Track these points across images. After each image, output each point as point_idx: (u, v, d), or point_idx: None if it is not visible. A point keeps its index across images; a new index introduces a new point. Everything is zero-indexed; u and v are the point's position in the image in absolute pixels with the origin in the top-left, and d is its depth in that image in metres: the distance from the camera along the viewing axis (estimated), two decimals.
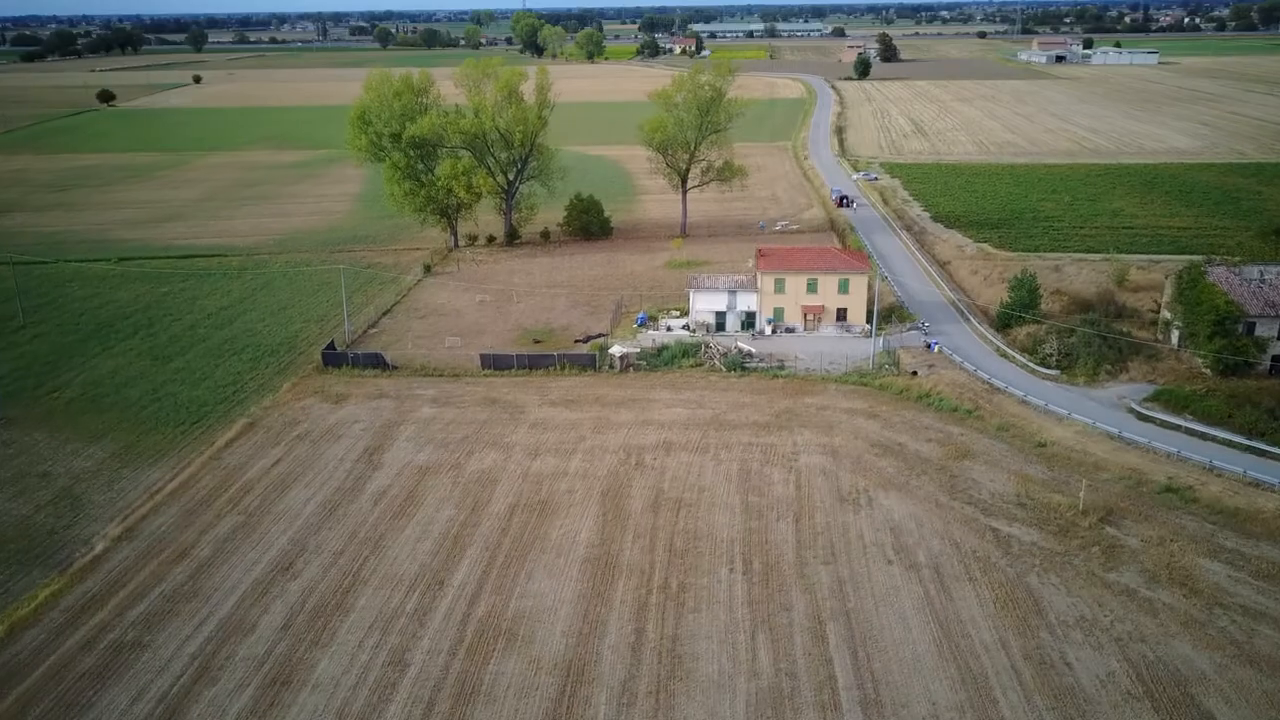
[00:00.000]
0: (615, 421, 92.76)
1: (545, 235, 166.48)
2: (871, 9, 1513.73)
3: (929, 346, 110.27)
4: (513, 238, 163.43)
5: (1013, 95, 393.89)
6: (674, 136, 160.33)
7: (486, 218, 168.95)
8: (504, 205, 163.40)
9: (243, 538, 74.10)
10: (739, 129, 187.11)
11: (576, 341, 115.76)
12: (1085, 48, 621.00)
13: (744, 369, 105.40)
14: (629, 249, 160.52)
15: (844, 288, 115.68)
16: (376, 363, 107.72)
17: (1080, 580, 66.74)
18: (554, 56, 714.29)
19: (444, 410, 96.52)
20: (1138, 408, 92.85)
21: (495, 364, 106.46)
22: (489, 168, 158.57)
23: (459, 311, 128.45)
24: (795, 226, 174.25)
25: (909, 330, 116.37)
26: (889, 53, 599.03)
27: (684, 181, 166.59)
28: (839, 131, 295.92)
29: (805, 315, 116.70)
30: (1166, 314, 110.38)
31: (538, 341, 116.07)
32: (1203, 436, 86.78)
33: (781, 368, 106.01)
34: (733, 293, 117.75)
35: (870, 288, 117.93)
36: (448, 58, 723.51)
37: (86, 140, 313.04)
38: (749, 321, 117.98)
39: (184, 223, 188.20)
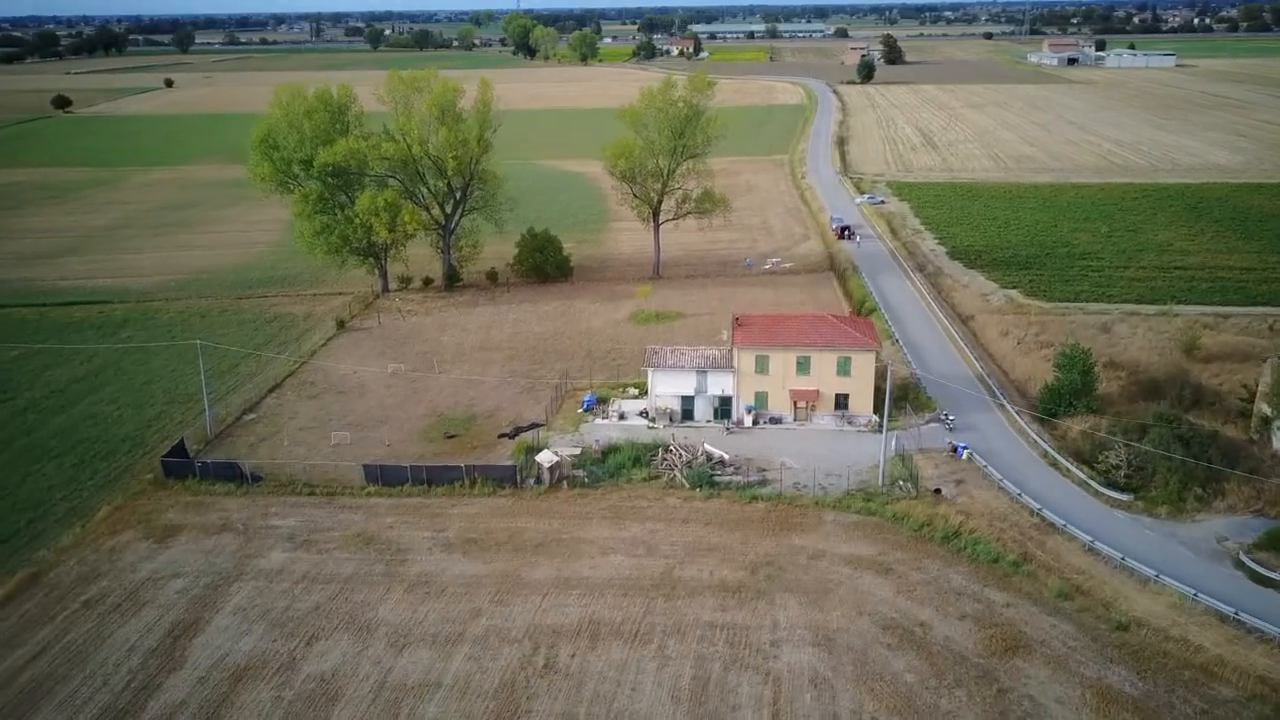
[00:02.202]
0: (528, 581, 67.24)
1: (492, 277, 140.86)
2: (875, 9, 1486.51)
3: (955, 450, 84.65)
4: (452, 281, 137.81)
5: (1026, 101, 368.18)
6: (642, 163, 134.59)
7: (424, 253, 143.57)
8: (441, 242, 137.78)
9: None
10: (730, 142, 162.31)
11: (500, 436, 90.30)
12: (1098, 49, 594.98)
13: (713, 484, 79.87)
14: (590, 295, 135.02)
15: (844, 368, 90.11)
16: (232, 474, 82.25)
17: None
18: (546, 58, 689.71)
19: (299, 556, 71.03)
20: (1248, 561, 67.26)
21: (384, 478, 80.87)
22: (420, 199, 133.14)
23: (363, 387, 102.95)
24: (788, 265, 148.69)
25: (928, 423, 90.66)
26: (893, 55, 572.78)
27: (656, 215, 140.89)
28: (841, 143, 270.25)
29: (795, 403, 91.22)
30: (1265, 409, 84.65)
31: (451, 436, 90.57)
32: None
33: (763, 483, 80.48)
34: (703, 373, 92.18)
35: (878, 360, 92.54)
36: (440, 59, 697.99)
37: (23, 152, 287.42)
38: (723, 409, 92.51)
39: (82, 257, 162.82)
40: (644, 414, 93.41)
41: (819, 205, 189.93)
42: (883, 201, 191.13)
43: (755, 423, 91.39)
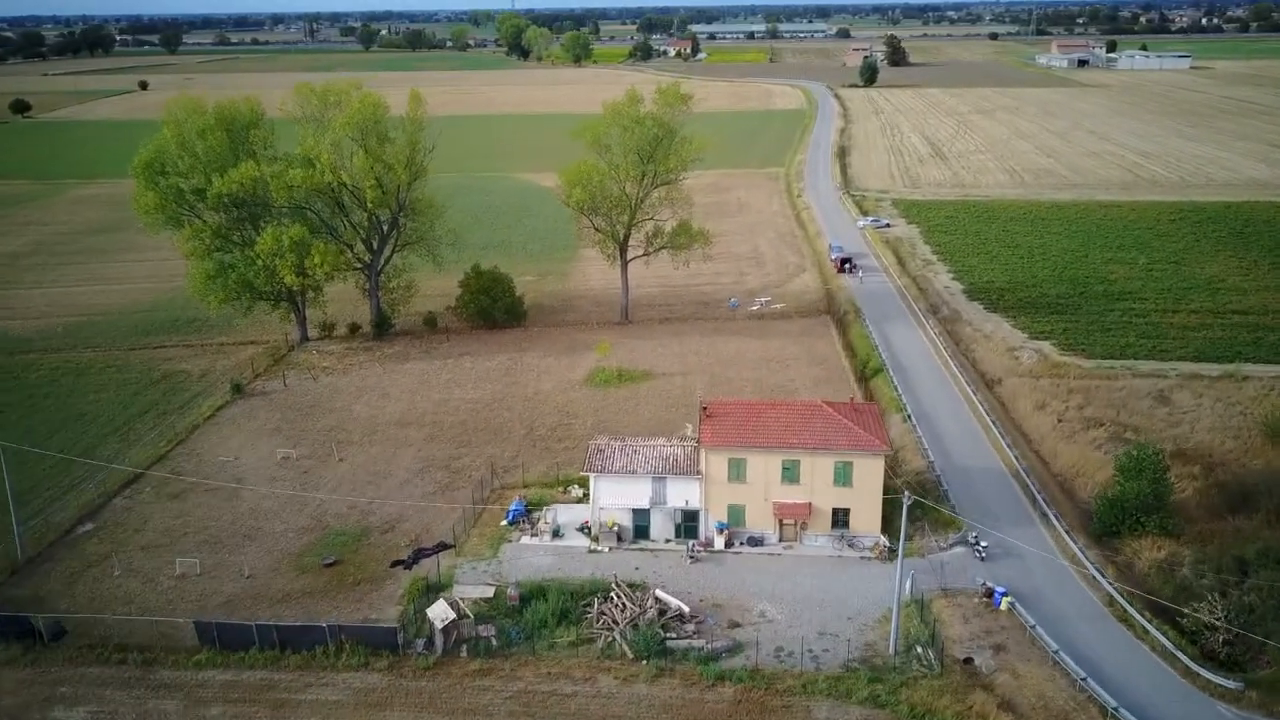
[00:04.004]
0: None
1: (431, 321, 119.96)
2: (877, 9, 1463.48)
3: (990, 595, 63.80)
4: (382, 327, 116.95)
5: (1038, 106, 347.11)
6: (605, 191, 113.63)
7: (352, 293, 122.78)
8: (368, 284, 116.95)
9: None
10: (722, 152, 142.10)
11: (394, 564, 69.53)
12: (1108, 50, 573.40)
13: (665, 651, 59.00)
14: (544, 345, 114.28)
15: (844, 476, 69.29)
16: (23, 631, 61.45)
17: None
18: (540, 59, 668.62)
19: None
20: None
21: (221, 639, 60.00)
22: (341, 235, 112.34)
23: (240, 482, 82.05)
24: (779, 305, 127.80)
25: (952, 547, 69.85)
26: (897, 56, 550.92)
27: (623, 252, 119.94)
28: (842, 154, 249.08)
29: (780, 519, 70.41)
30: None
31: (331, 564, 69.72)
32: None
33: (733, 648, 59.54)
34: (661, 479, 71.34)
35: (893, 482, 71.74)
36: (432, 60, 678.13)
37: None
38: (687, 526, 71.69)
39: None
40: (585, 529, 72.63)
41: (816, 229, 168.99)
42: (888, 224, 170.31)
43: (729, 544, 70.55)
